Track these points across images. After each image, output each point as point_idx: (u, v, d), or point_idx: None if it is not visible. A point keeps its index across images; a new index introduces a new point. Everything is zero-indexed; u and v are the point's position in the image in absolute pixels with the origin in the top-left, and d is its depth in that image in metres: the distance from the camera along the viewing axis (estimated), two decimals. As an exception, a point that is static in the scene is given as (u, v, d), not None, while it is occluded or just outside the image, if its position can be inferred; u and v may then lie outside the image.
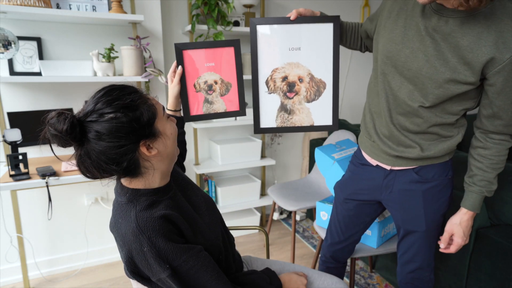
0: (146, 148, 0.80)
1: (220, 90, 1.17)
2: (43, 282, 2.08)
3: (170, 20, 2.32)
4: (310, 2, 2.73)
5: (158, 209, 0.81)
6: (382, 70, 1.08)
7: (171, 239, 0.78)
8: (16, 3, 1.67)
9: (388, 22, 1.06)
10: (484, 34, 0.88)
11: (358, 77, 3.06)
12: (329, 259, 1.45)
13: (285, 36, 1.19)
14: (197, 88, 1.15)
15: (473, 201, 1.07)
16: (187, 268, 0.79)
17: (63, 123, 0.70)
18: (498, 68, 0.89)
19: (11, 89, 1.92)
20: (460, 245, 1.10)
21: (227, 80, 1.16)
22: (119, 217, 0.82)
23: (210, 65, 1.15)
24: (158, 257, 0.76)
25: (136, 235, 0.76)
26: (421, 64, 0.97)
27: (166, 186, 0.88)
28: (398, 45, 1.02)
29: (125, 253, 0.80)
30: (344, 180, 1.33)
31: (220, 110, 1.18)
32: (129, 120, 0.75)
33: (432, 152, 1.08)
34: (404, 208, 1.18)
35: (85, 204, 2.18)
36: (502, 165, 1.04)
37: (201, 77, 1.15)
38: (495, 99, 0.95)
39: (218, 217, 1.01)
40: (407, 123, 1.07)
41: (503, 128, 1.00)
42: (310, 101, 1.24)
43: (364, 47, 1.31)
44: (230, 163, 2.47)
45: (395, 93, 1.06)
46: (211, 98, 1.17)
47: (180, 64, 1.12)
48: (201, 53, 1.13)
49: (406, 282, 1.28)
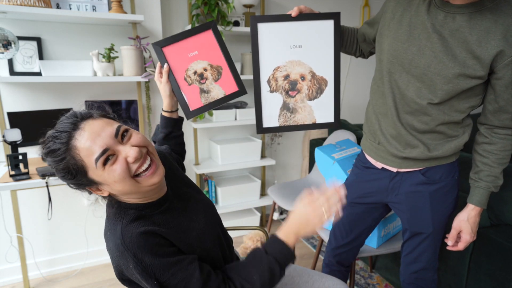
0: (96, 190, 0.80)
1: (212, 76, 1.12)
2: (43, 282, 2.08)
3: (170, 20, 2.32)
4: (310, 2, 2.73)
5: (142, 225, 0.78)
6: (388, 70, 1.08)
7: (157, 253, 0.75)
8: (16, 3, 1.67)
9: (392, 22, 1.07)
10: (492, 29, 0.90)
11: (358, 77, 3.06)
12: (333, 263, 1.45)
13: (286, 34, 1.18)
14: (188, 81, 1.11)
15: (480, 197, 1.06)
16: (176, 282, 0.76)
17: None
18: (507, 61, 0.90)
19: (11, 89, 1.92)
20: (468, 241, 1.09)
21: (215, 64, 1.12)
22: (108, 229, 0.81)
23: (193, 54, 1.10)
24: (145, 273, 0.74)
25: (122, 252, 0.75)
26: (429, 61, 0.98)
27: (160, 200, 0.85)
28: (404, 44, 1.03)
29: (114, 265, 0.79)
30: (349, 183, 1.32)
31: (220, 96, 1.13)
32: (61, 169, 0.74)
33: (439, 152, 1.08)
34: (411, 210, 1.17)
35: (85, 204, 2.18)
36: (508, 160, 1.04)
37: (189, 69, 1.10)
38: (503, 93, 0.96)
39: (215, 222, 0.99)
40: (415, 122, 1.07)
41: (509, 122, 1.00)
42: (312, 99, 1.23)
43: (358, 51, 1.32)
44: (230, 163, 2.47)
45: (403, 92, 1.06)
46: (206, 87, 1.12)
47: (164, 62, 1.09)
48: (181, 45, 1.09)
49: (410, 282, 1.28)
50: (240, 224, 2.57)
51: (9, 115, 1.79)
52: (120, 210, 0.80)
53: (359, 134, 2.28)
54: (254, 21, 1.16)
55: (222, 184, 2.56)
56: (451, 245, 1.13)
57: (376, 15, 1.19)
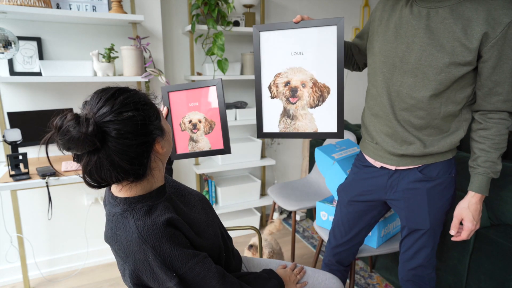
0: (160, 146, 0.80)
1: (204, 129, 1.20)
2: (43, 282, 2.08)
3: (170, 20, 2.32)
4: (311, 2, 2.73)
5: (158, 214, 0.78)
6: (381, 70, 1.12)
7: (177, 243, 0.76)
8: (16, 3, 1.67)
9: (380, 28, 1.14)
10: (474, 17, 0.96)
11: (358, 77, 3.06)
12: (332, 262, 1.46)
13: (288, 41, 1.19)
14: (182, 127, 1.20)
15: (480, 183, 1.07)
16: (194, 275, 0.77)
17: (86, 124, 0.67)
18: (492, 42, 0.95)
19: (11, 89, 1.92)
20: (470, 229, 1.09)
21: (210, 118, 1.20)
22: (117, 229, 0.79)
23: (194, 104, 1.19)
24: (164, 266, 0.74)
25: (139, 245, 0.74)
26: (419, 55, 1.03)
27: (160, 188, 0.86)
28: (393, 43, 1.08)
29: (128, 265, 0.77)
30: (348, 182, 1.35)
31: (205, 148, 1.21)
32: (145, 117, 0.75)
33: (435, 148, 1.10)
34: (408, 207, 1.19)
35: (85, 204, 2.18)
36: (504, 145, 1.05)
37: (186, 117, 1.19)
38: (491, 74, 0.99)
39: (214, 215, 1.01)
40: (411, 117, 1.09)
41: (501, 104, 1.02)
42: (314, 107, 1.21)
43: (356, 65, 1.37)
44: (230, 163, 2.47)
45: (398, 89, 1.09)
46: (196, 137, 1.20)
47: (166, 105, 1.18)
48: (185, 94, 1.18)
49: (408, 279, 1.29)
50: (241, 224, 2.57)
51: (9, 115, 1.79)
52: (127, 207, 0.80)
53: (359, 134, 2.28)
54: (256, 30, 1.20)
55: (222, 184, 2.56)
56: (454, 234, 1.13)
57: (364, 27, 1.26)
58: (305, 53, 1.19)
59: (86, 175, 0.74)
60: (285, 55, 1.20)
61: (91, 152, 0.71)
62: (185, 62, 2.43)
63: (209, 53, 2.19)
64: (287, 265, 1.20)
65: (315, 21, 1.17)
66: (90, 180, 0.75)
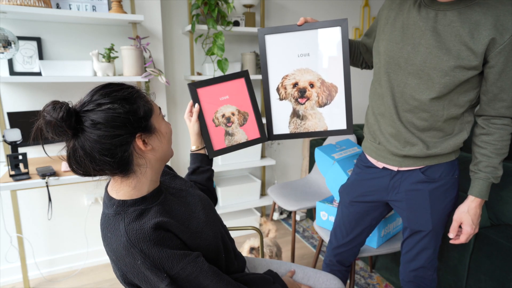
0: (142, 142, 0.80)
1: (238, 121, 1.20)
2: (43, 282, 2.08)
3: (170, 20, 2.32)
4: (311, 2, 2.73)
5: (148, 218, 0.78)
6: (386, 70, 1.11)
7: (166, 245, 0.76)
8: (16, 3, 1.67)
9: (386, 27, 1.12)
10: (482, 21, 0.95)
11: (359, 77, 3.06)
12: (333, 262, 1.45)
13: (293, 43, 1.21)
14: (216, 122, 1.17)
15: (480, 188, 1.07)
16: (186, 274, 0.77)
17: (59, 110, 0.70)
18: (499, 48, 0.94)
19: (11, 89, 1.92)
20: (469, 233, 1.09)
21: (243, 110, 1.20)
22: (108, 231, 0.80)
23: (224, 98, 1.18)
24: (154, 268, 0.74)
25: (128, 249, 0.74)
26: (424, 57, 1.02)
27: (155, 191, 0.85)
28: (398, 44, 1.07)
29: (119, 268, 0.78)
30: (350, 183, 1.34)
31: (242, 140, 1.21)
32: (125, 112, 0.76)
33: (438, 149, 1.09)
34: (410, 208, 1.18)
35: (85, 204, 2.18)
36: (506, 150, 1.05)
37: (218, 111, 1.17)
38: (496, 80, 0.98)
39: (215, 216, 1.00)
40: (414, 119, 1.09)
41: (505, 110, 1.02)
42: (322, 106, 1.23)
43: (364, 63, 1.37)
44: (230, 163, 2.47)
45: (402, 90, 1.08)
46: (231, 130, 1.19)
47: (196, 102, 1.15)
48: (214, 89, 1.16)
49: (409, 280, 1.29)
50: (241, 224, 2.57)
51: (9, 115, 1.79)
52: (120, 209, 0.80)
53: (359, 134, 2.28)
54: (261, 33, 1.21)
55: (222, 184, 2.56)
56: (452, 237, 1.13)
57: (371, 25, 1.25)
58: (311, 54, 1.21)
59: (67, 161, 0.78)
60: (291, 57, 1.22)
61: (69, 139, 0.75)
62: (185, 62, 2.43)
63: (209, 53, 2.19)
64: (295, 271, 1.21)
65: (319, 23, 1.18)
66: (73, 165, 0.78)
